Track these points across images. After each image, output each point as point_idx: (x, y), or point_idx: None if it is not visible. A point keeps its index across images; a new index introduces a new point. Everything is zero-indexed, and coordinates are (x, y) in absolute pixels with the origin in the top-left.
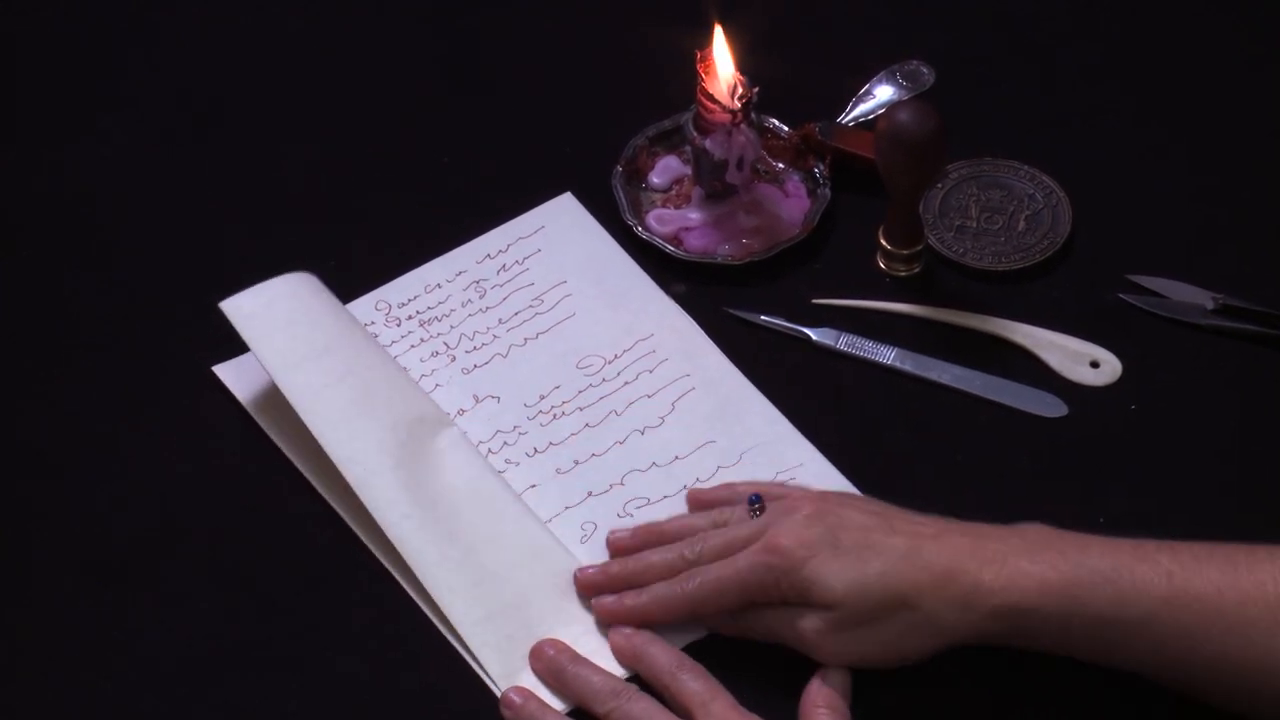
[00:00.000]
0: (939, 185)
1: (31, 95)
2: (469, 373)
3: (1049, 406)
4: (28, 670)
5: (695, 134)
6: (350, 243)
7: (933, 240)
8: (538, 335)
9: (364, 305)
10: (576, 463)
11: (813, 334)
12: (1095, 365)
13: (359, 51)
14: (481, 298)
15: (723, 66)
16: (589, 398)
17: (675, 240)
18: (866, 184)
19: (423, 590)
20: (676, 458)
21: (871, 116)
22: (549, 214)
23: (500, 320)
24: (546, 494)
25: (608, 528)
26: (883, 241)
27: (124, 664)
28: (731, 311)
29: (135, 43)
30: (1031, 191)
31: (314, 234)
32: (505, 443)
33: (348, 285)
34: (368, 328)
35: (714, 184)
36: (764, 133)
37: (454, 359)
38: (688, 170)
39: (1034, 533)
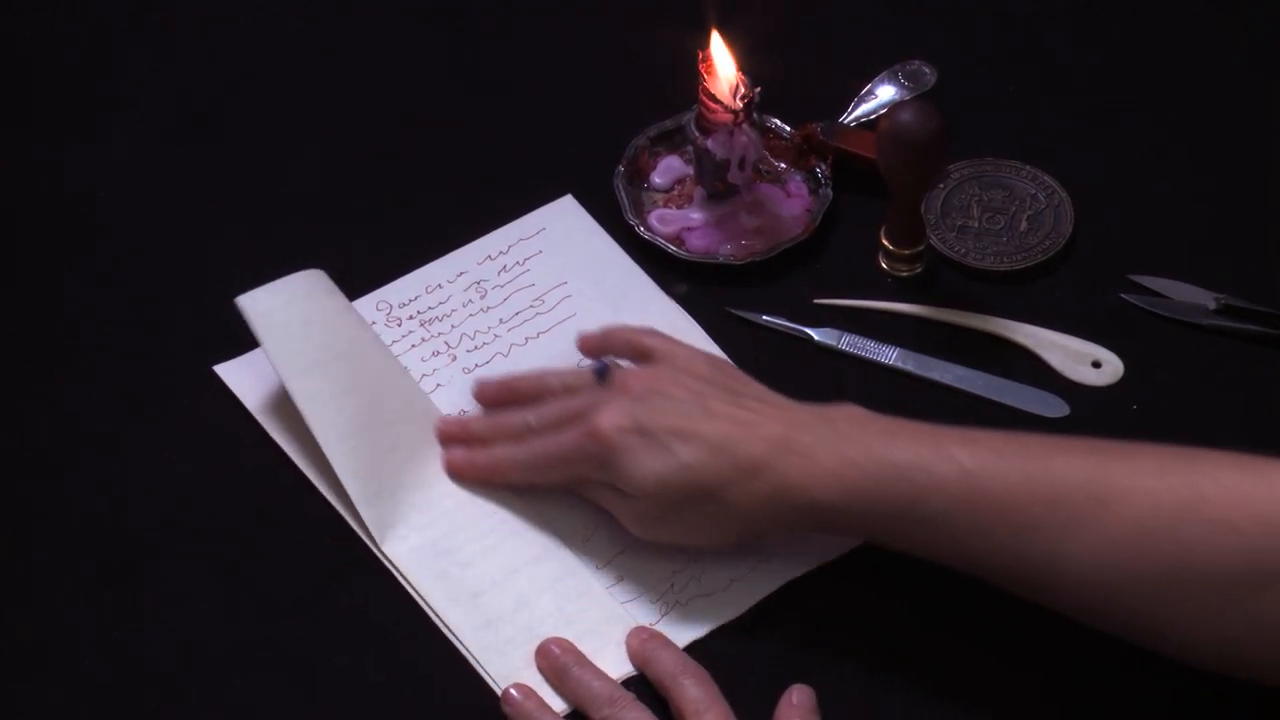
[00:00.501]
0: (941, 185)
1: (32, 95)
2: (470, 372)
3: (1051, 406)
4: (29, 670)
5: (697, 134)
6: (351, 243)
7: (934, 240)
8: (539, 335)
9: (365, 305)
10: None
11: (814, 334)
12: (1097, 365)
13: (360, 52)
14: (482, 298)
15: (724, 66)
16: None
17: (677, 240)
18: (868, 184)
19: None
20: None
21: (873, 116)
22: (550, 216)
23: (501, 320)
24: (548, 494)
25: (609, 528)
26: (884, 241)
27: (125, 664)
28: (733, 311)
29: (137, 43)
30: (1033, 191)
31: (315, 234)
32: None
33: (349, 285)
34: (370, 327)
35: (716, 184)
36: (766, 133)
37: (455, 359)
38: (689, 170)
39: (845, 421)
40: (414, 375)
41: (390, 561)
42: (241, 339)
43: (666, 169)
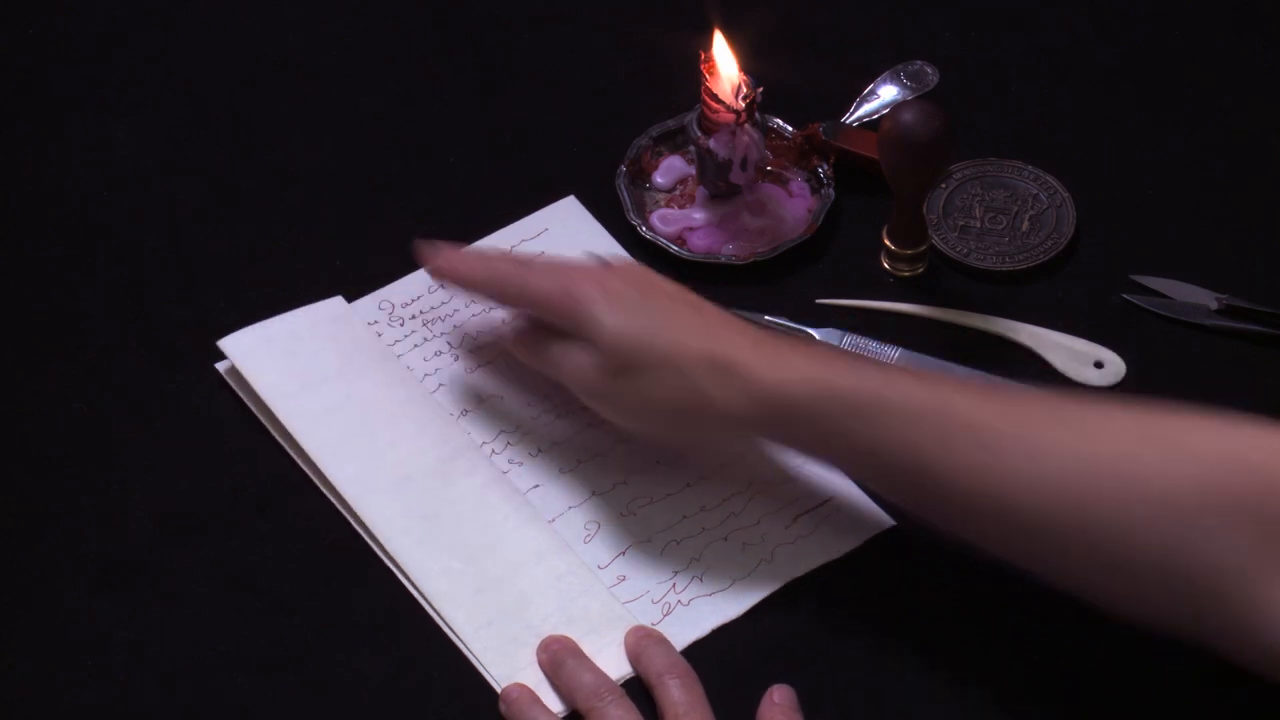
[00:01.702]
0: (943, 185)
1: (34, 93)
2: (472, 372)
3: None
4: (30, 670)
5: (699, 134)
6: (355, 243)
7: (937, 240)
8: None
9: (367, 305)
10: (580, 462)
11: (817, 334)
12: (1099, 365)
13: (363, 51)
14: None
15: (726, 66)
16: None
17: (679, 240)
18: (870, 184)
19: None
20: (679, 456)
21: (876, 117)
22: (553, 216)
23: (504, 320)
24: (550, 494)
25: (611, 527)
26: (887, 242)
27: (126, 664)
28: (736, 312)
29: (139, 42)
30: (1035, 192)
31: (318, 234)
32: (509, 443)
33: (352, 284)
34: (372, 327)
35: (718, 184)
36: (768, 133)
37: (457, 358)
38: (692, 170)
39: (820, 345)
40: (416, 375)
41: (391, 560)
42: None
43: (669, 169)
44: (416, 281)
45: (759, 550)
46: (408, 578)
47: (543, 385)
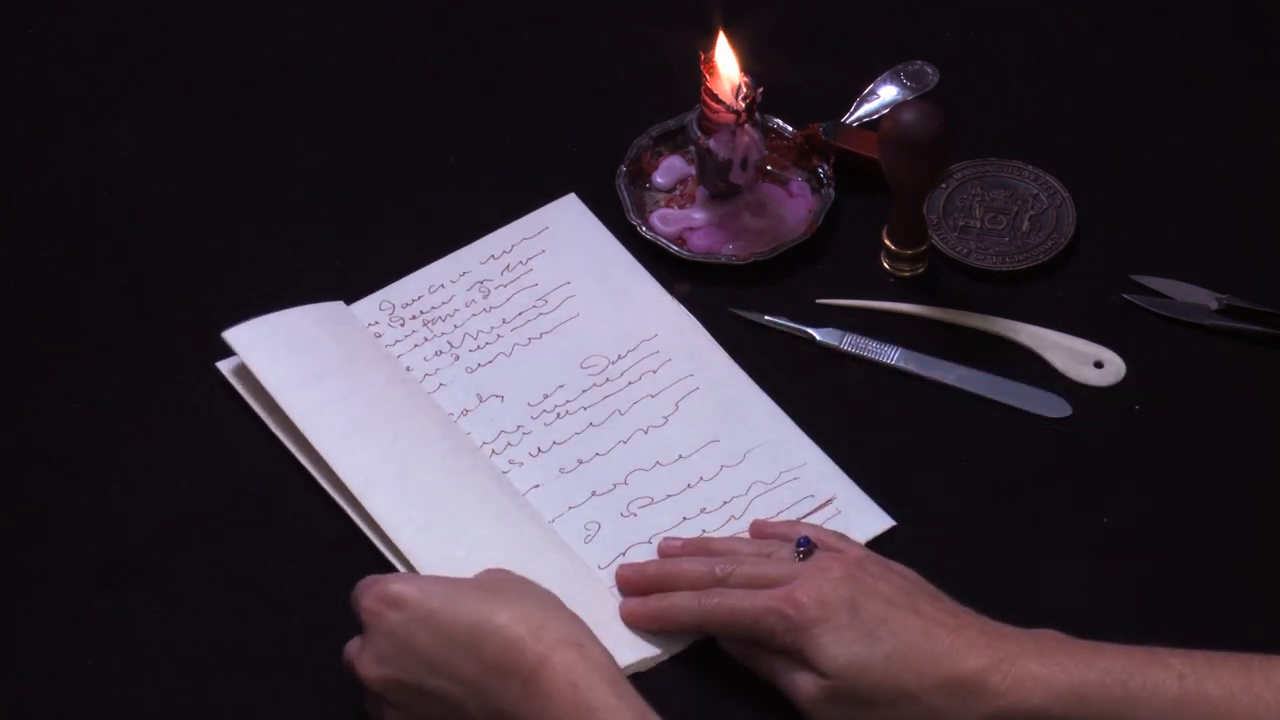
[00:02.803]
0: (943, 185)
1: (35, 93)
2: (473, 372)
3: (1053, 407)
4: (30, 670)
5: (699, 134)
6: (356, 242)
7: (937, 240)
8: (541, 335)
9: (368, 306)
10: (580, 462)
11: (817, 334)
12: (1099, 365)
13: (364, 51)
14: (485, 298)
15: (727, 67)
16: (593, 397)
17: (679, 240)
18: (870, 184)
19: None
20: (680, 457)
21: (876, 117)
22: (553, 215)
23: (504, 320)
24: (550, 494)
25: (611, 527)
26: (887, 242)
27: (126, 664)
28: (735, 312)
29: (140, 42)
30: (1035, 192)
31: (319, 233)
32: (509, 443)
33: (353, 284)
34: (372, 327)
35: (718, 184)
36: (768, 133)
37: (458, 358)
38: (692, 170)
39: (1048, 637)
40: (417, 375)
41: (393, 550)
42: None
43: (669, 169)
44: (417, 281)
45: None
46: (409, 565)
47: (542, 385)
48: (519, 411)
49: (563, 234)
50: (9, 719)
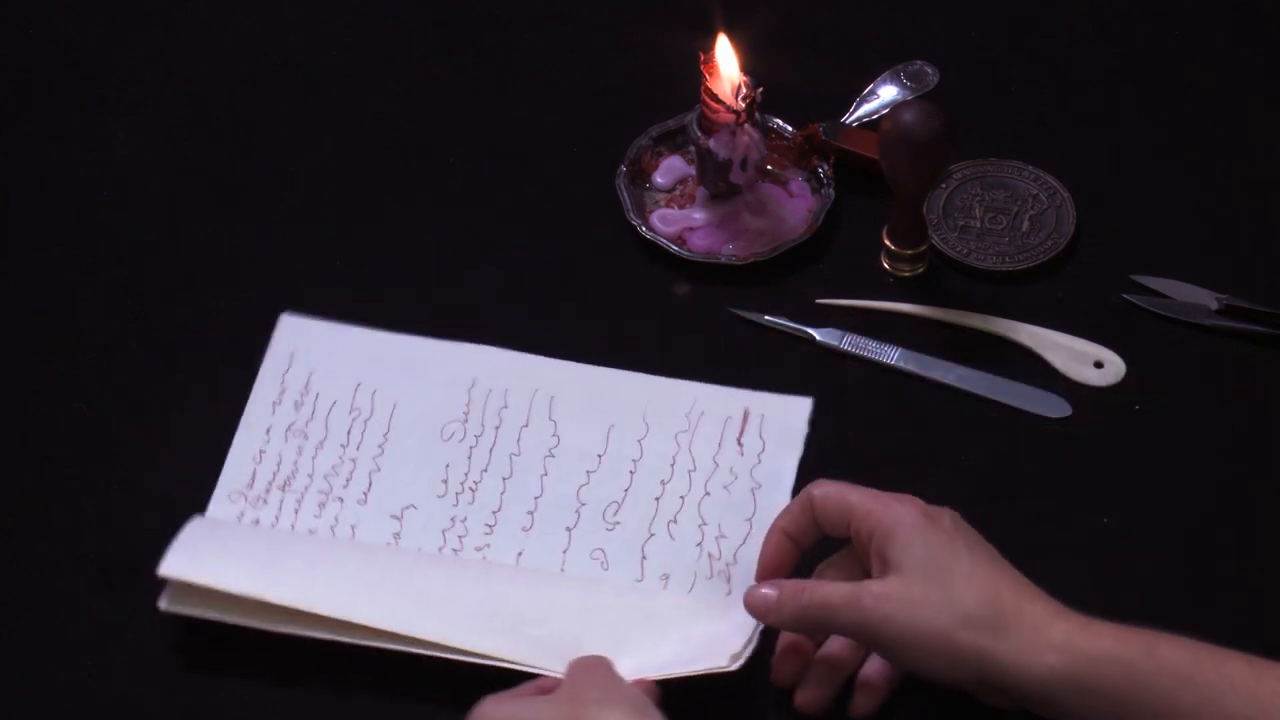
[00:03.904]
0: (943, 185)
1: (35, 93)
2: (364, 502)
3: (1053, 407)
4: (30, 670)
5: (699, 134)
6: (355, 243)
7: (937, 240)
8: (384, 437)
9: (221, 504)
10: (529, 513)
11: (817, 334)
12: (1099, 365)
13: (363, 52)
14: (307, 439)
15: (727, 66)
16: (482, 457)
17: (679, 240)
18: (870, 184)
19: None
20: (599, 455)
21: (876, 117)
22: (289, 342)
23: (342, 445)
24: (535, 554)
25: (612, 546)
26: (887, 242)
27: (126, 664)
28: (735, 312)
29: (141, 42)
30: (1035, 192)
31: (319, 234)
32: (458, 535)
33: (354, 284)
34: (244, 519)
35: (718, 184)
36: (768, 133)
37: (341, 500)
38: (692, 170)
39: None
40: (322, 535)
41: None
42: (242, 340)
43: (669, 169)
44: (239, 458)
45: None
46: (509, 663)
47: (433, 474)
48: (438, 506)
49: (314, 351)
50: (9, 719)
